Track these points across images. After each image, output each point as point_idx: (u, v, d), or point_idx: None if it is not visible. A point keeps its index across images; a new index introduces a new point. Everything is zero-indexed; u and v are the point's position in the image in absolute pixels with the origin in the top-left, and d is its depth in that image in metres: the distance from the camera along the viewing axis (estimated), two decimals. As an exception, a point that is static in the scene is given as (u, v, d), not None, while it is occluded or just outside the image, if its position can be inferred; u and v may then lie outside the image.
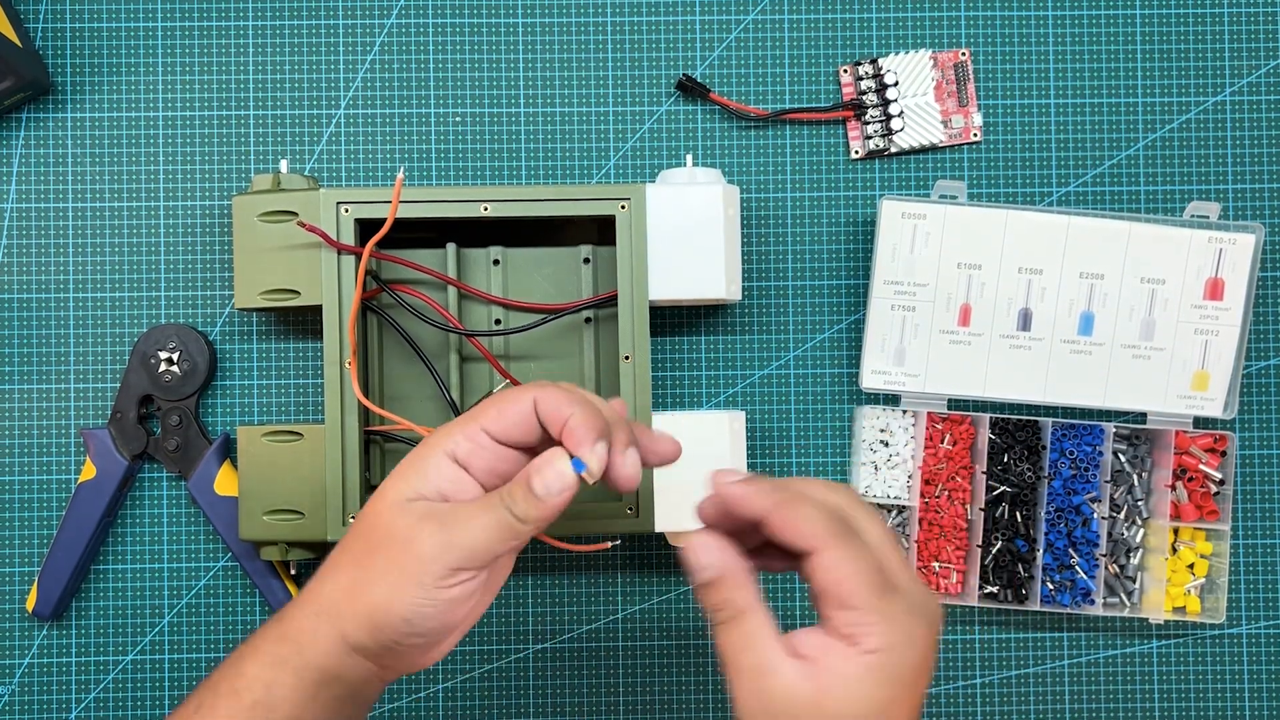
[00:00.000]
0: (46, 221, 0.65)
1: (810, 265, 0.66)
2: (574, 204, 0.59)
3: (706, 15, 0.66)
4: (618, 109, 0.66)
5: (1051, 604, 0.64)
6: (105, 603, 0.64)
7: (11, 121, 0.65)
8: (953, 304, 0.64)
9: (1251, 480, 0.67)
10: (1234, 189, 0.67)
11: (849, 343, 0.66)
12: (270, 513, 0.59)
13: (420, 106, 0.66)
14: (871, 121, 0.66)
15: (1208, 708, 0.66)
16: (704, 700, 0.65)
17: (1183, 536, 0.65)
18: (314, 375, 0.65)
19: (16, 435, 0.64)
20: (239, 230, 0.59)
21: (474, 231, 0.62)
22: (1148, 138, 0.67)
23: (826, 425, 0.66)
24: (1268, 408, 0.67)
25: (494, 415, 0.45)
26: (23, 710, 0.64)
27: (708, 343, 0.66)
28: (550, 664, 0.65)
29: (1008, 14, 0.67)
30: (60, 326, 0.65)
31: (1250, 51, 0.67)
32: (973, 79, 0.66)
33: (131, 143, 0.65)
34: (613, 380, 0.62)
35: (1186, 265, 0.63)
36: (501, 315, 0.62)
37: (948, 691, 0.66)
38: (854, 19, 0.66)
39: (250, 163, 0.65)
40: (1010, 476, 0.64)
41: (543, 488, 0.44)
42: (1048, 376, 0.64)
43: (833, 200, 0.66)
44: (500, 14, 0.66)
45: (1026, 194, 0.66)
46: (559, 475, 0.44)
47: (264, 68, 0.65)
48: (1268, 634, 0.66)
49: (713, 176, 0.61)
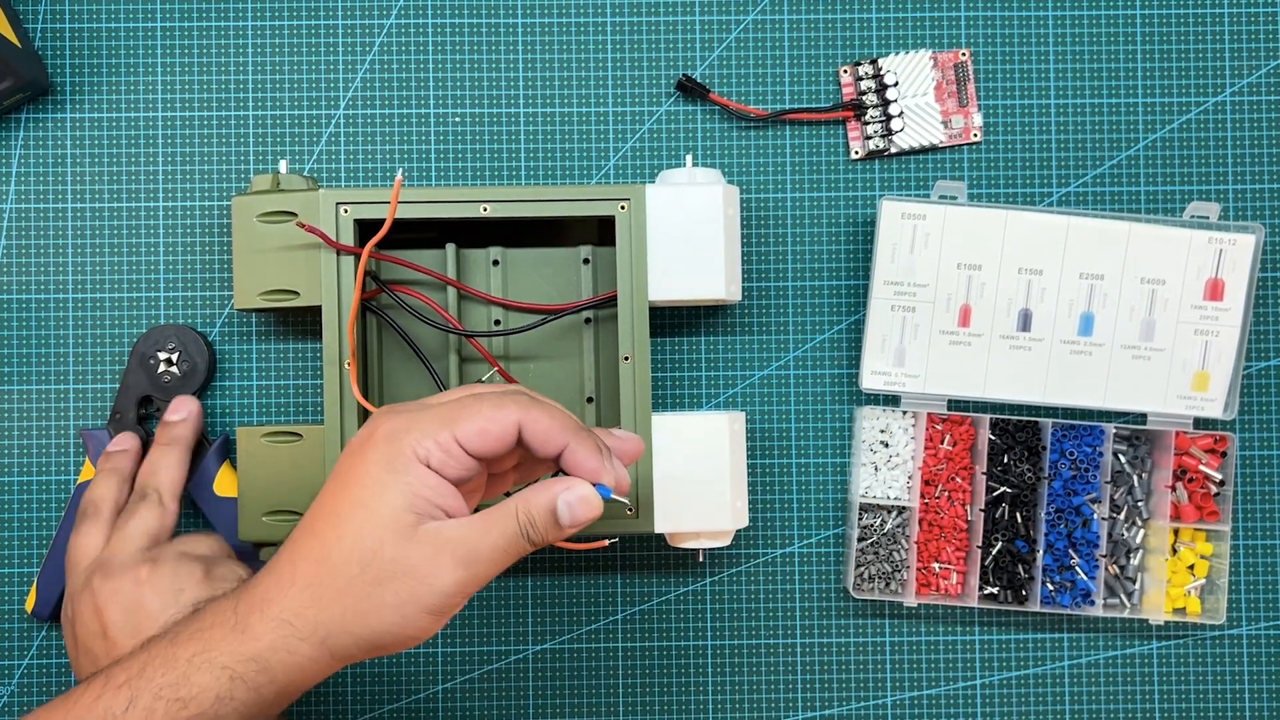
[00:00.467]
0: (46, 222, 0.65)
1: (810, 265, 0.66)
2: (574, 204, 0.59)
3: (706, 15, 0.66)
4: (618, 109, 0.66)
5: (1051, 605, 0.64)
6: (105, 603, 0.64)
7: (11, 122, 0.65)
8: (953, 304, 0.64)
9: (1251, 481, 0.67)
10: (1234, 189, 0.67)
11: (849, 343, 0.66)
12: (270, 513, 0.59)
13: (420, 107, 0.66)
14: (871, 122, 0.66)
15: (1208, 708, 0.66)
16: (704, 700, 0.65)
17: (1183, 537, 0.65)
18: (314, 375, 0.65)
19: (16, 435, 0.64)
20: (238, 231, 0.59)
21: (474, 232, 0.62)
22: (1148, 138, 0.67)
23: (826, 426, 0.66)
24: (1268, 408, 0.67)
25: (475, 434, 0.44)
26: (23, 710, 0.64)
27: (708, 343, 0.66)
28: (550, 664, 0.65)
29: (1008, 14, 0.67)
30: (60, 326, 0.65)
31: (1250, 51, 0.67)
32: (973, 79, 0.66)
33: (131, 143, 0.65)
34: (612, 381, 0.62)
35: (1186, 266, 0.63)
36: (501, 316, 0.62)
37: (948, 692, 0.66)
38: (854, 19, 0.66)
39: (250, 163, 0.65)
40: (1010, 477, 0.64)
41: (570, 518, 0.44)
42: (1048, 377, 0.64)
43: (833, 200, 0.66)
44: (500, 14, 0.66)
45: (1026, 194, 0.66)
46: (588, 505, 0.45)
47: (264, 68, 0.65)
48: (1268, 635, 0.66)
49: (713, 177, 0.61)
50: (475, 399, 0.45)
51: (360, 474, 0.44)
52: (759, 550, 0.66)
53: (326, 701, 0.64)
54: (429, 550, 0.43)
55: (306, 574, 0.44)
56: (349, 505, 0.44)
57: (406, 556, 0.43)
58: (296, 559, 0.44)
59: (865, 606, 0.66)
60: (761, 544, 0.66)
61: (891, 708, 0.66)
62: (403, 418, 0.45)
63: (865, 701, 0.66)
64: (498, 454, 0.45)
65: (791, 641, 0.66)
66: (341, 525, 0.44)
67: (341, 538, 0.43)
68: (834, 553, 0.66)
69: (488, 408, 0.44)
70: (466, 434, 0.44)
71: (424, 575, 0.43)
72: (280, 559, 0.45)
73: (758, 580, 0.66)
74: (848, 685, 0.66)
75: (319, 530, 0.44)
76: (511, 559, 0.44)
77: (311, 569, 0.44)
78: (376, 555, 0.43)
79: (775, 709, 0.65)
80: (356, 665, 0.65)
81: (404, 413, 0.45)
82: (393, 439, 0.44)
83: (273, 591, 0.44)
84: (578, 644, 0.65)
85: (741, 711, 0.65)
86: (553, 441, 0.45)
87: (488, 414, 0.44)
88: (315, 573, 0.44)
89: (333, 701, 0.64)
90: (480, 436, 0.44)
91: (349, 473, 0.44)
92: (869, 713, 0.66)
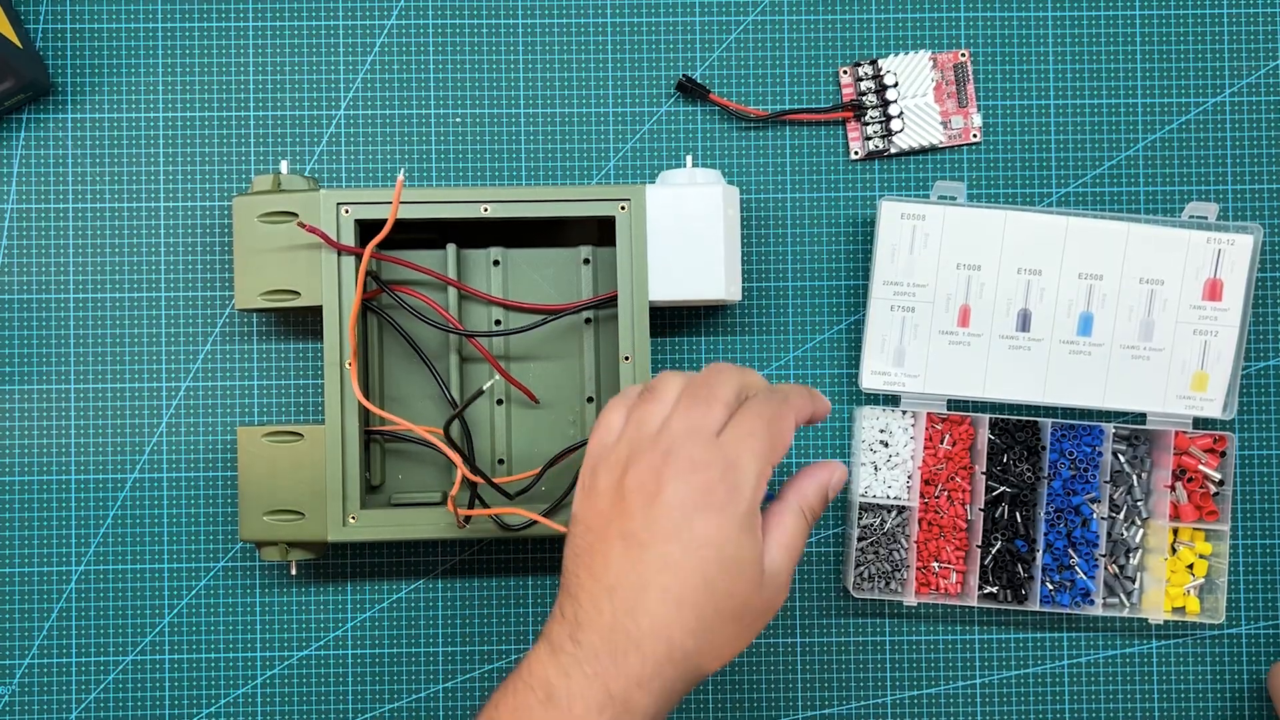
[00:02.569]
0: (47, 222, 0.65)
1: (810, 265, 0.66)
2: (574, 204, 0.59)
3: (706, 16, 0.66)
4: (618, 109, 0.66)
5: (1051, 604, 0.64)
6: (105, 603, 0.64)
7: (12, 122, 0.65)
8: (952, 305, 0.64)
9: (1251, 480, 0.67)
10: (1233, 189, 0.67)
11: (849, 343, 0.66)
12: (270, 513, 0.59)
13: (420, 107, 0.66)
14: (871, 122, 0.66)
15: (1207, 708, 0.66)
16: (703, 700, 0.65)
17: (1182, 537, 0.65)
18: (314, 375, 0.65)
19: (17, 435, 0.64)
20: (239, 231, 0.59)
21: (474, 232, 0.62)
22: (1147, 138, 0.67)
23: (826, 425, 0.66)
24: (1267, 408, 0.67)
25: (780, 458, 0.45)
26: (23, 710, 0.64)
27: (708, 343, 0.66)
28: (550, 664, 0.65)
29: (1007, 14, 0.67)
30: (60, 327, 0.65)
31: (1250, 52, 0.67)
32: (972, 80, 0.66)
33: (131, 143, 0.65)
34: (613, 381, 0.62)
35: (1185, 266, 0.64)
36: (501, 316, 0.63)
37: (948, 691, 0.66)
38: (854, 19, 0.66)
39: (250, 163, 0.65)
40: (1010, 477, 0.64)
41: (835, 489, 0.48)
42: (1047, 377, 0.64)
43: (832, 201, 0.66)
44: (500, 15, 0.66)
45: (1026, 195, 0.66)
46: (843, 477, 0.49)
47: (264, 68, 0.65)
48: (1267, 634, 0.66)
49: (713, 177, 0.61)
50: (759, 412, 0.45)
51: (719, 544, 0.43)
52: (759, 550, 0.66)
53: (327, 701, 0.64)
54: (776, 580, 0.45)
55: (685, 647, 0.43)
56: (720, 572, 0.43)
57: (765, 598, 0.45)
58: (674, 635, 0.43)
59: (865, 606, 0.66)
60: (761, 544, 0.66)
61: (891, 707, 0.66)
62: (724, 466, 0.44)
63: (865, 701, 0.66)
64: None
65: (791, 641, 0.66)
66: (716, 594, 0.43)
67: (718, 609, 0.43)
68: (834, 552, 0.66)
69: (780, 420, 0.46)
70: (778, 459, 0.45)
71: (775, 603, 0.45)
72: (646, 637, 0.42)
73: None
74: (847, 685, 0.66)
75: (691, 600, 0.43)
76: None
77: (690, 643, 0.43)
78: (746, 608, 0.44)
79: (775, 708, 0.65)
80: (356, 665, 0.65)
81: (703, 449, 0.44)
82: (737, 496, 0.43)
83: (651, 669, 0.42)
84: (578, 644, 0.65)
85: (741, 711, 0.65)
86: (805, 418, 0.47)
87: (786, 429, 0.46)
88: (694, 645, 0.43)
89: (333, 700, 0.64)
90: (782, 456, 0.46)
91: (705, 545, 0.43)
92: (868, 712, 0.66)
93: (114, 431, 0.64)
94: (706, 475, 0.43)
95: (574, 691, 0.41)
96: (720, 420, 0.45)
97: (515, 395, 0.62)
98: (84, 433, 0.64)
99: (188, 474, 0.64)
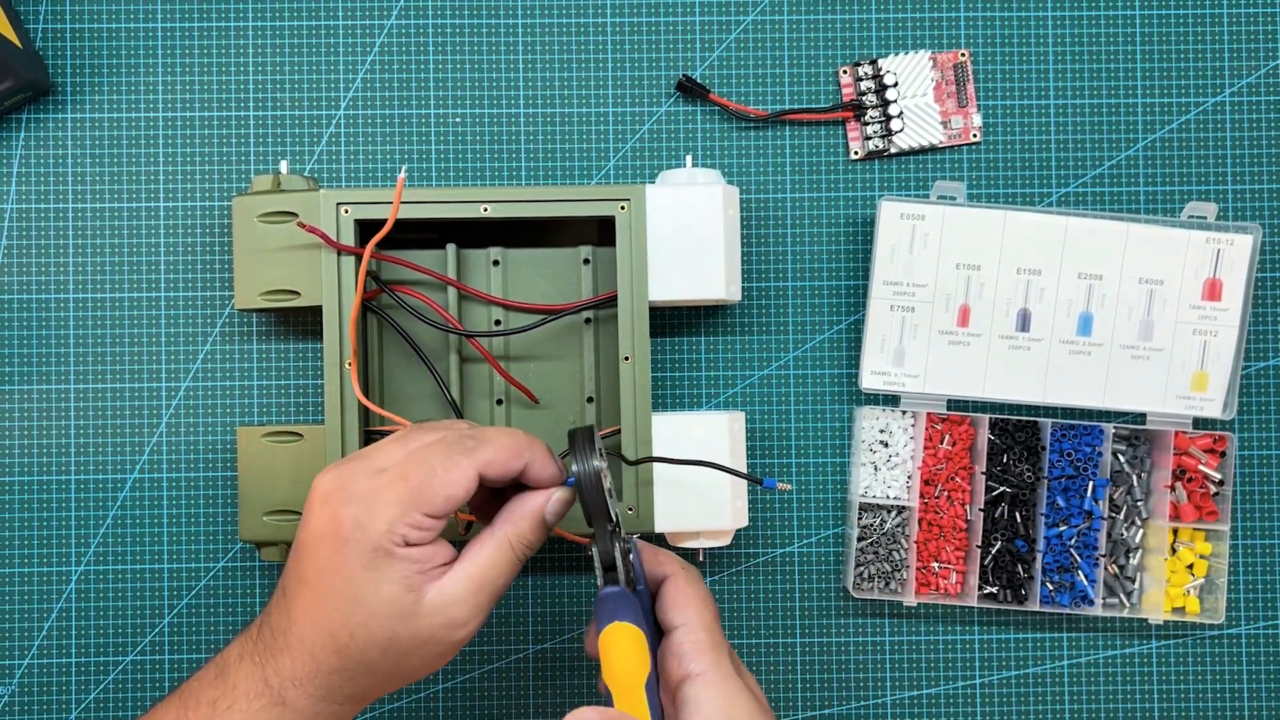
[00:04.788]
0: (47, 222, 0.65)
1: (810, 265, 0.66)
2: (574, 204, 0.59)
3: (706, 16, 0.66)
4: (618, 109, 0.66)
5: (1051, 604, 0.64)
6: (105, 603, 0.64)
7: (11, 122, 0.65)
8: (952, 304, 0.64)
9: (1251, 481, 0.67)
10: (1232, 189, 0.67)
11: (849, 343, 0.66)
12: (270, 513, 0.59)
13: (420, 107, 0.66)
14: (871, 122, 0.66)
15: (1207, 708, 0.66)
16: (704, 700, 0.65)
17: (1182, 537, 0.65)
18: (314, 375, 0.65)
19: (16, 435, 0.64)
20: (239, 231, 0.59)
21: (474, 232, 0.62)
22: (1147, 138, 0.67)
23: (826, 426, 0.66)
24: (1267, 408, 0.67)
25: (441, 503, 0.44)
26: (23, 710, 0.64)
27: (707, 343, 0.66)
28: (550, 664, 0.65)
29: (1007, 14, 0.67)
30: (60, 327, 0.65)
31: (1250, 52, 0.67)
32: (972, 79, 0.66)
33: (131, 143, 0.65)
34: (612, 381, 0.62)
35: (1185, 266, 0.64)
36: (501, 316, 0.63)
37: (948, 691, 0.66)
38: (854, 19, 0.66)
39: (250, 163, 0.65)
40: (1010, 477, 0.64)
41: (554, 515, 0.48)
42: (1047, 377, 0.64)
43: (832, 201, 0.66)
44: (500, 15, 0.66)
45: (1025, 195, 0.66)
46: (565, 502, 0.48)
47: (264, 68, 0.65)
48: (1267, 634, 0.66)
49: (712, 177, 0.61)
50: (421, 460, 0.45)
51: (345, 576, 0.44)
52: (759, 550, 0.66)
53: (327, 701, 0.64)
54: (440, 616, 0.45)
55: (330, 663, 0.45)
56: (346, 604, 0.44)
57: (421, 630, 0.45)
58: (315, 650, 0.45)
59: (865, 606, 0.66)
60: (761, 544, 0.66)
61: (891, 707, 0.66)
62: (359, 503, 0.44)
63: (865, 701, 0.66)
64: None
65: (791, 641, 0.66)
66: (348, 623, 0.44)
67: (353, 635, 0.44)
68: (834, 552, 0.66)
69: (441, 470, 0.45)
70: (433, 507, 0.44)
71: (442, 636, 0.45)
72: (295, 644, 0.45)
73: (757, 580, 0.66)
74: (847, 685, 0.66)
75: (324, 623, 0.44)
76: (512, 578, 0.47)
77: (335, 660, 0.45)
78: (393, 640, 0.44)
79: (775, 708, 0.65)
80: (357, 665, 0.65)
81: (356, 487, 0.45)
82: (362, 533, 0.44)
83: (302, 674, 0.45)
84: (578, 644, 0.65)
85: (741, 711, 0.65)
86: (511, 469, 0.46)
87: (443, 478, 0.44)
88: (339, 663, 0.45)
89: (333, 701, 0.64)
90: (446, 503, 0.45)
91: (332, 574, 0.44)
92: (869, 712, 0.66)
93: (114, 431, 0.64)
94: (338, 509, 0.44)
95: (240, 673, 0.46)
96: (392, 460, 0.45)
97: (515, 395, 0.62)
98: (84, 433, 0.64)
99: (187, 474, 0.65)
